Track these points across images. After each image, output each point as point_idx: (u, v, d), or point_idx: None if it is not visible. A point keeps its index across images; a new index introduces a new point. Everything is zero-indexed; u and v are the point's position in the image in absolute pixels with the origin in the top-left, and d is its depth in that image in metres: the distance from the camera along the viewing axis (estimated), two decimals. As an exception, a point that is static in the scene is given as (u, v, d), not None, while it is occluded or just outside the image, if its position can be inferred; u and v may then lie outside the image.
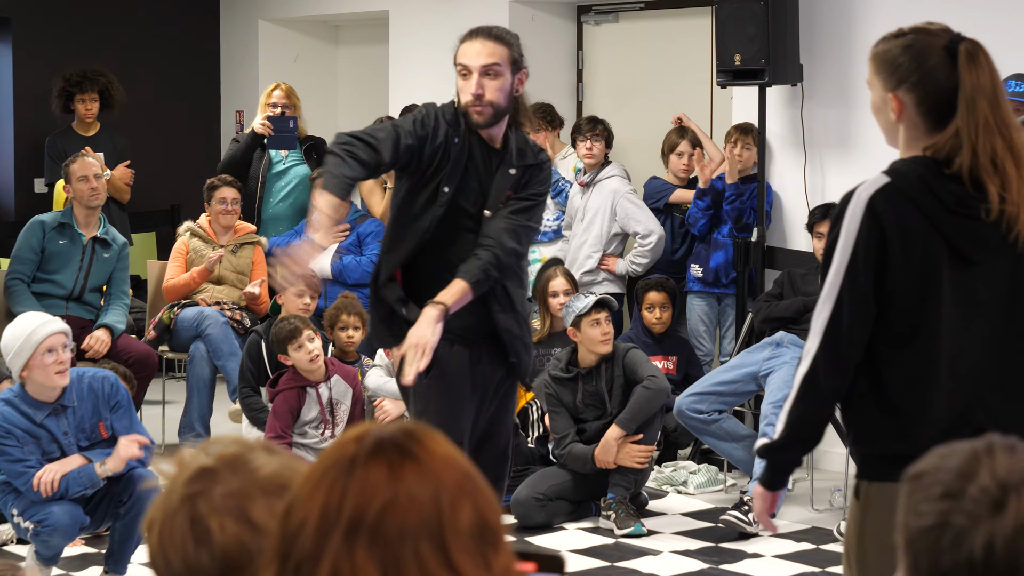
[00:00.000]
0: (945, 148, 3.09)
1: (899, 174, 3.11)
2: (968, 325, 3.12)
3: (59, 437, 5.57)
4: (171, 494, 1.86)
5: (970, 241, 3.10)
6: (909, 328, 3.10)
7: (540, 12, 9.51)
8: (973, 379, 3.13)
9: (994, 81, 3.11)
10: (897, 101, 3.16)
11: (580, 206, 8.30)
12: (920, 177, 3.08)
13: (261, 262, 8.47)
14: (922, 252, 3.07)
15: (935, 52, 3.14)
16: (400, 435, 1.61)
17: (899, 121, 3.18)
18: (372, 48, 10.78)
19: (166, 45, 11.07)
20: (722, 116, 8.72)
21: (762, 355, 7.11)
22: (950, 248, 3.09)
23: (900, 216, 3.07)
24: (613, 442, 6.75)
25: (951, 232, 3.08)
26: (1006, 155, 3.06)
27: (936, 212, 3.07)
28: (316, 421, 6.85)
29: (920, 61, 3.14)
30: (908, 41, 3.18)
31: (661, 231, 8.16)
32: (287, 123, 8.86)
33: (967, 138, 3.06)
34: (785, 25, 7.62)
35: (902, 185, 3.08)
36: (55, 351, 5.53)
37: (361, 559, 1.53)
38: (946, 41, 3.15)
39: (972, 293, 3.12)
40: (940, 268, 3.08)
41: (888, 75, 3.18)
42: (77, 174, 7.86)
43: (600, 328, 6.89)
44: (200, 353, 7.96)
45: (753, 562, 6.27)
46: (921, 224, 3.07)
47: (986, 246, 3.11)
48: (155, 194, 10.39)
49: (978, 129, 3.06)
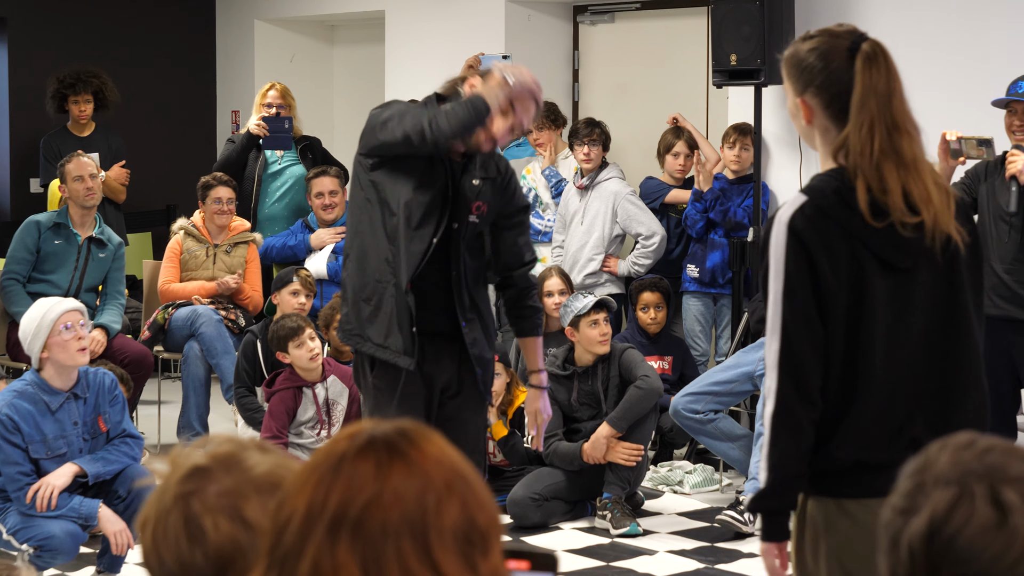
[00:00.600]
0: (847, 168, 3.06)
1: (815, 191, 3.07)
2: (907, 333, 3.07)
3: (68, 428, 5.58)
4: (165, 493, 1.86)
5: (893, 248, 3.05)
6: (844, 343, 3.05)
7: (536, 12, 9.51)
8: (912, 389, 3.08)
9: (890, 81, 3.07)
10: (805, 106, 3.14)
11: (579, 209, 8.29)
12: (836, 191, 3.04)
13: (255, 260, 8.46)
14: (847, 265, 3.03)
15: (838, 54, 3.11)
16: (393, 434, 1.61)
17: (810, 125, 3.16)
18: (368, 48, 10.78)
19: (162, 45, 11.07)
20: (718, 116, 8.72)
21: (758, 355, 7.10)
22: (875, 258, 3.05)
23: (821, 233, 3.03)
24: (603, 440, 6.76)
25: (872, 242, 3.04)
26: (886, 156, 3.02)
27: (854, 224, 3.03)
28: (312, 421, 6.85)
29: (824, 63, 3.12)
30: (814, 44, 3.16)
31: (663, 232, 8.17)
32: (282, 124, 8.86)
33: (854, 141, 3.04)
34: (781, 25, 7.62)
35: (819, 202, 3.04)
36: (72, 327, 5.57)
37: (343, 554, 1.53)
38: (849, 42, 3.12)
39: (908, 299, 3.08)
40: (869, 279, 3.04)
41: (796, 80, 3.16)
42: (72, 174, 7.86)
43: (599, 329, 6.90)
44: (194, 352, 7.95)
45: (749, 562, 6.27)
46: (842, 238, 3.03)
47: (911, 252, 3.07)
48: (151, 194, 10.39)
49: (863, 129, 3.03)
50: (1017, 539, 1.60)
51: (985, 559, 1.59)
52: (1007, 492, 1.62)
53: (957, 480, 1.64)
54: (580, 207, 8.29)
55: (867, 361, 3.05)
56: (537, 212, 8.62)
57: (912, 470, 1.69)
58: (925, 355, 3.11)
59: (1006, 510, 1.61)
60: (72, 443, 5.60)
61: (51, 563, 5.54)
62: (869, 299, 3.04)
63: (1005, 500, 1.61)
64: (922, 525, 1.63)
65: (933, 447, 1.70)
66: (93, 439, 5.68)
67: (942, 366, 3.12)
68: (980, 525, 1.60)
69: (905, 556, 1.63)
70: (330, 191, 8.52)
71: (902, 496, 1.67)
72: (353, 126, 10.02)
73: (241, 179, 8.92)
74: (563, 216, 8.42)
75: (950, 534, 1.61)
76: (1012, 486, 1.62)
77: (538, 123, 8.61)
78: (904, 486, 1.68)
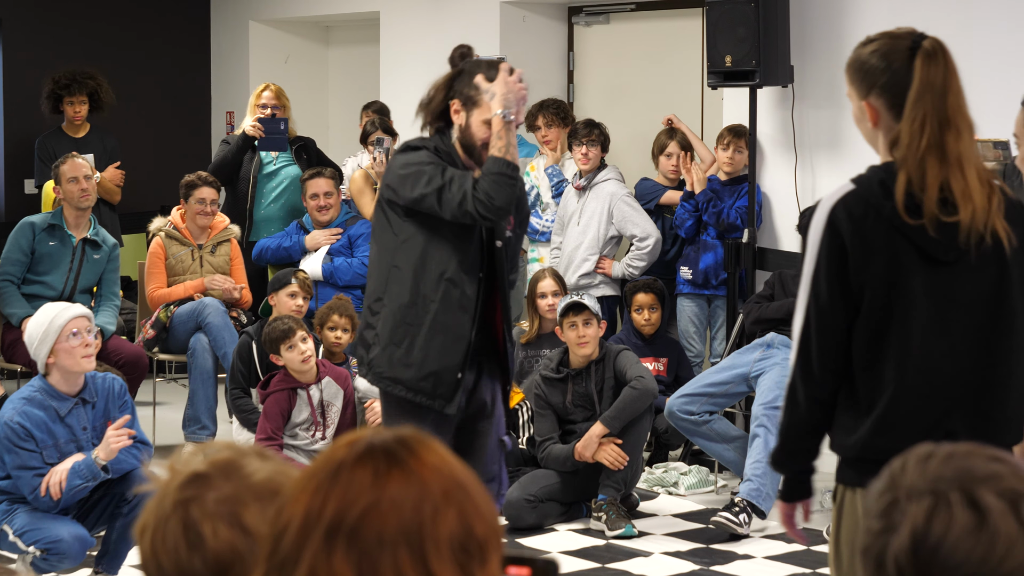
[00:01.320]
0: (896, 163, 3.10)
1: (862, 181, 3.12)
2: (947, 327, 3.11)
3: (78, 433, 5.58)
4: (164, 499, 1.86)
5: (934, 242, 3.09)
6: (878, 334, 3.09)
7: (531, 13, 9.51)
8: (951, 383, 3.12)
9: (947, 78, 3.11)
10: (870, 108, 3.18)
11: (576, 209, 8.28)
12: (881, 182, 3.09)
13: (238, 256, 8.43)
14: (886, 257, 3.07)
15: (900, 54, 3.15)
16: (392, 442, 1.61)
17: (876, 128, 3.19)
18: (363, 49, 10.78)
19: (157, 46, 11.06)
20: (713, 117, 8.72)
21: (753, 356, 7.11)
22: (916, 250, 3.09)
23: (860, 223, 3.07)
24: (595, 439, 6.77)
25: (914, 234, 3.08)
26: (929, 153, 3.06)
27: (897, 216, 3.07)
28: (307, 423, 6.84)
29: (887, 64, 3.15)
30: (875, 47, 3.20)
31: (658, 234, 8.15)
32: (278, 125, 8.86)
33: (904, 134, 3.08)
34: (776, 26, 7.63)
35: (864, 192, 3.09)
36: (79, 334, 5.58)
37: (339, 562, 1.53)
38: (910, 42, 3.16)
39: (949, 293, 3.11)
40: (908, 272, 3.08)
41: (860, 83, 3.20)
42: (67, 175, 7.85)
43: (576, 331, 6.90)
44: (201, 344, 7.90)
45: (744, 563, 6.27)
46: (883, 229, 3.07)
47: (953, 246, 3.10)
48: (145, 195, 10.38)
49: (916, 124, 3.07)
50: (999, 538, 1.60)
51: (972, 562, 1.60)
52: (981, 493, 1.62)
53: (929, 490, 1.64)
54: (577, 208, 8.28)
55: (903, 353, 3.09)
56: (536, 212, 8.62)
57: (879, 489, 1.69)
58: (968, 351, 3.14)
59: (983, 511, 1.61)
60: (84, 448, 5.59)
61: (57, 567, 5.53)
62: (907, 291, 3.08)
63: (981, 501, 1.62)
64: (904, 540, 1.63)
65: (895, 463, 1.71)
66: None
67: (986, 363, 3.16)
68: (961, 530, 1.61)
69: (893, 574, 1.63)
70: (325, 192, 8.51)
71: (877, 517, 1.67)
72: (347, 127, 10.05)
73: (236, 180, 8.92)
74: (561, 217, 8.42)
75: (934, 543, 1.61)
76: (984, 486, 1.63)
77: (547, 120, 8.62)
78: (876, 506, 1.68)
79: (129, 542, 5.67)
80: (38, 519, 5.49)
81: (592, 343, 6.93)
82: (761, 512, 6.67)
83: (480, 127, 4.83)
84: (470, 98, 4.84)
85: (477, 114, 4.82)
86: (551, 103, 8.74)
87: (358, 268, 8.31)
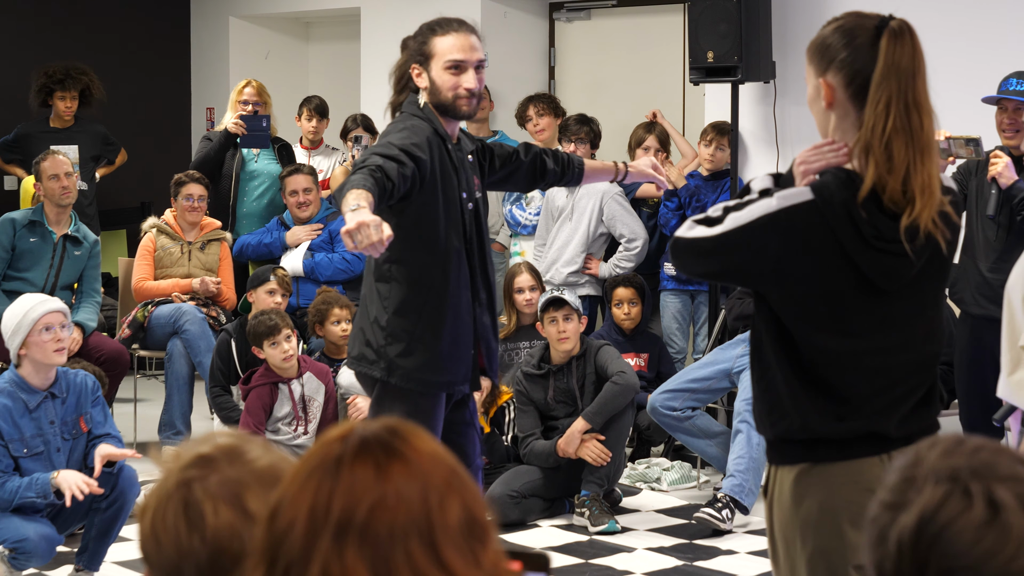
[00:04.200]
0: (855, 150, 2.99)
1: (823, 197, 2.97)
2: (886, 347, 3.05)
3: (45, 427, 5.58)
4: (167, 479, 1.87)
5: (883, 275, 2.99)
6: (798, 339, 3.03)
7: (512, 9, 9.51)
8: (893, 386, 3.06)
9: (915, 60, 2.98)
10: (827, 86, 3.04)
11: (567, 205, 8.24)
12: (844, 203, 2.96)
13: (227, 258, 8.44)
14: (826, 277, 2.98)
15: (864, 31, 3.02)
16: (385, 433, 1.60)
17: (830, 109, 3.06)
18: (344, 45, 10.76)
19: (136, 41, 11.04)
20: (695, 113, 8.74)
21: (735, 352, 7.11)
22: (859, 278, 2.98)
23: (810, 239, 2.96)
24: (577, 434, 6.77)
25: (866, 264, 2.97)
26: (899, 136, 2.95)
27: (853, 243, 2.96)
28: (289, 417, 6.84)
29: (848, 40, 3.02)
30: (839, 24, 3.06)
31: (646, 236, 8.11)
32: (260, 122, 8.84)
33: (870, 115, 2.95)
34: (758, 22, 7.64)
35: (824, 210, 2.96)
36: (53, 329, 5.59)
37: (351, 560, 1.52)
38: (877, 20, 3.03)
39: (882, 317, 3.04)
40: (842, 295, 2.99)
41: (819, 59, 3.06)
42: (48, 172, 7.82)
43: (557, 326, 6.90)
44: (178, 350, 7.93)
45: (727, 558, 6.28)
46: (833, 252, 2.97)
47: (899, 279, 3.02)
48: (125, 191, 10.36)
49: (880, 106, 2.95)
50: (1010, 537, 1.59)
51: (975, 555, 1.59)
52: (999, 490, 1.61)
53: (949, 477, 1.63)
54: (568, 203, 8.24)
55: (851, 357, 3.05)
56: (520, 204, 8.61)
57: (901, 465, 1.68)
58: (905, 366, 3.09)
59: (998, 507, 1.60)
60: (49, 442, 5.59)
61: (25, 565, 5.53)
62: (837, 313, 3.00)
63: (998, 498, 1.61)
64: (912, 519, 1.62)
65: (923, 444, 1.70)
66: (74, 439, 5.68)
67: (918, 378, 3.11)
68: (971, 521, 1.60)
69: (893, 550, 1.63)
70: (304, 188, 8.50)
71: (890, 491, 1.67)
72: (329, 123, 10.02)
73: (219, 177, 8.91)
74: (549, 211, 8.37)
75: (939, 528, 1.60)
76: (1004, 484, 1.62)
77: (539, 110, 8.61)
78: (892, 481, 1.67)
79: (109, 538, 5.68)
80: (4, 517, 5.47)
81: (573, 339, 6.92)
82: (744, 508, 6.67)
83: (444, 77, 4.73)
84: (423, 53, 4.76)
85: (435, 65, 4.74)
86: (542, 95, 8.77)
87: (339, 263, 8.30)
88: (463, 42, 4.78)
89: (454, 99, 4.76)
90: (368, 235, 4.05)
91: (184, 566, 1.83)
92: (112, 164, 9.87)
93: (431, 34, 4.80)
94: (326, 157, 9.33)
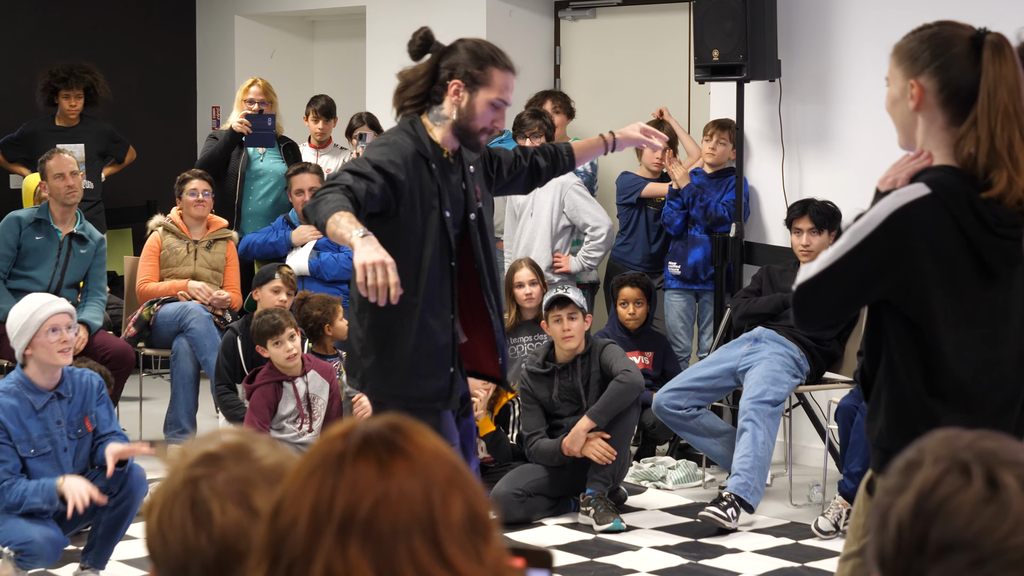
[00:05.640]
0: (977, 156, 3.03)
1: (943, 187, 3.04)
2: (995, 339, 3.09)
3: (52, 427, 5.58)
4: (174, 477, 1.87)
5: (1001, 259, 3.07)
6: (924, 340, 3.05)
7: (517, 8, 9.50)
8: (991, 397, 3.09)
9: (1018, 74, 3.07)
10: (918, 87, 3.10)
11: (528, 200, 8.21)
12: (964, 192, 3.04)
13: (234, 257, 8.44)
14: (950, 268, 3.03)
15: (960, 41, 3.10)
16: (387, 430, 1.60)
17: (917, 110, 3.12)
18: (349, 44, 10.76)
19: (142, 40, 11.04)
20: (700, 111, 8.73)
21: (740, 351, 7.12)
22: (979, 265, 3.05)
23: (937, 230, 3.03)
24: (582, 433, 6.76)
25: (986, 250, 3.05)
26: (1021, 146, 3.03)
27: (975, 230, 3.04)
28: (293, 415, 6.84)
29: (945, 48, 3.10)
30: (933, 31, 3.14)
31: (610, 222, 8.12)
32: (265, 121, 8.85)
33: (985, 125, 3.02)
34: (763, 21, 7.63)
35: (946, 199, 3.03)
36: (59, 330, 5.59)
37: (354, 557, 1.52)
38: (973, 32, 3.12)
39: (997, 306, 3.09)
40: (966, 285, 3.05)
41: (911, 63, 3.13)
42: (53, 171, 7.83)
43: (561, 325, 6.90)
44: (183, 349, 7.93)
45: (732, 557, 6.28)
46: (957, 241, 3.04)
47: (1011, 263, 3.10)
48: (131, 190, 10.36)
49: (998, 117, 3.02)
50: (1008, 513, 1.59)
51: (973, 531, 1.59)
52: (1000, 471, 1.62)
53: (950, 456, 1.64)
54: (528, 199, 8.21)
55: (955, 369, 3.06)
56: None
57: (905, 456, 1.69)
58: (1015, 361, 3.13)
59: (998, 486, 1.60)
60: (56, 442, 5.59)
61: (31, 567, 5.53)
62: (953, 303, 3.05)
63: (998, 477, 1.61)
64: (910, 497, 1.63)
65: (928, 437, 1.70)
66: (80, 439, 5.68)
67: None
68: (970, 497, 1.60)
69: (893, 531, 1.63)
70: (310, 188, 8.49)
71: (894, 475, 1.67)
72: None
73: (224, 176, 8.91)
74: (512, 210, 8.35)
75: (938, 503, 1.60)
76: (1005, 466, 1.62)
77: (555, 107, 8.61)
78: (896, 467, 1.68)
79: (116, 537, 5.68)
80: (10, 519, 5.48)
81: (577, 337, 6.92)
82: (749, 506, 6.67)
83: (485, 109, 4.65)
84: (475, 78, 4.66)
85: (483, 94, 4.65)
86: (559, 94, 8.77)
87: (344, 263, 8.30)
88: (512, 82, 4.74)
89: (481, 132, 4.71)
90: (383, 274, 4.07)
91: (190, 564, 1.83)
92: (121, 163, 9.88)
93: (492, 64, 4.67)
94: (334, 157, 9.33)
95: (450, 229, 4.70)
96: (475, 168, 4.88)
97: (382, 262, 4.10)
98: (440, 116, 4.72)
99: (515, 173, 5.10)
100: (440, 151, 4.73)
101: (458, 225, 4.75)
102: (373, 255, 4.11)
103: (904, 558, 1.62)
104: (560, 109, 8.65)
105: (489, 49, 4.72)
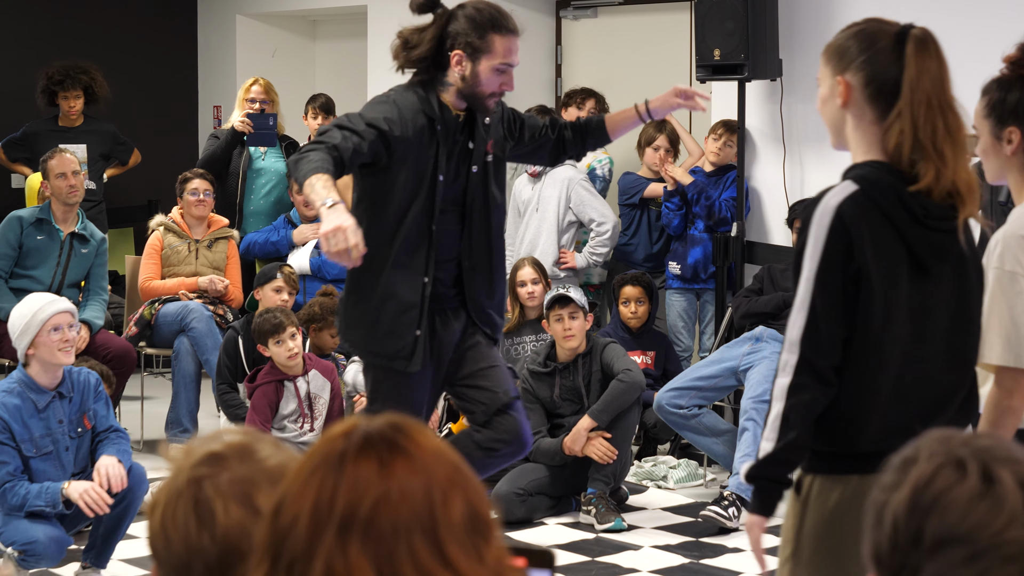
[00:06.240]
0: (903, 148, 3.04)
1: (869, 182, 3.05)
2: (921, 335, 3.09)
3: (54, 426, 5.59)
4: (178, 476, 1.87)
5: (932, 253, 3.07)
6: (863, 337, 3.05)
7: (518, 7, 9.49)
8: (918, 393, 3.09)
9: (942, 67, 3.08)
10: (844, 84, 3.12)
11: (532, 197, 8.23)
12: (892, 186, 3.04)
13: (235, 256, 8.44)
14: (888, 263, 3.04)
15: (885, 36, 3.11)
16: (388, 429, 1.60)
17: (845, 107, 3.13)
18: (350, 43, 10.77)
19: (143, 40, 11.04)
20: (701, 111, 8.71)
21: (742, 350, 7.12)
22: (912, 259, 3.05)
23: (870, 226, 3.03)
24: (583, 432, 6.76)
25: (916, 243, 3.05)
26: (946, 138, 3.03)
27: (905, 223, 3.04)
28: (295, 415, 6.84)
29: (870, 43, 3.11)
30: (860, 27, 3.16)
31: (615, 218, 8.14)
32: (267, 120, 8.85)
33: (908, 117, 3.03)
34: (764, 20, 7.63)
35: (873, 194, 3.04)
36: (61, 329, 5.60)
37: (355, 555, 1.53)
38: (898, 28, 3.13)
39: (924, 302, 3.09)
40: (900, 279, 3.05)
41: (838, 60, 3.15)
42: (55, 171, 7.83)
43: (562, 324, 6.90)
44: (185, 348, 7.93)
45: (733, 556, 6.28)
46: (890, 235, 3.04)
47: (943, 257, 3.09)
48: (133, 189, 10.37)
49: (921, 108, 3.03)
50: (1004, 508, 1.59)
51: (968, 525, 1.59)
52: (997, 467, 1.62)
53: (946, 452, 1.64)
54: (533, 195, 8.23)
55: (880, 362, 3.05)
56: None
57: (902, 454, 1.69)
58: (935, 356, 3.11)
59: (993, 481, 1.60)
60: (58, 441, 5.60)
61: (36, 565, 5.53)
62: (893, 298, 3.04)
63: (994, 473, 1.61)
64: (905, 492, 1.63)
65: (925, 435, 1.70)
66: (80, 437, 5.69)
67: (950, 368, 3.13)
68: (964, 492, 1.60)
69: (888, 528, 1.63)
70: (312, 187, 8.49)
71: (890, 472, 1.68)
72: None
73: (226, 175, 8.91)
74: (515, 206, 8.37)
75: (933, 498, 1.61)
76: (1000, 463, 1.63)
77: (578, 102, 8.59)
78: (892, 465, 1.68)
79: (117, 536, 5.69)
80: (14, 519, 5.48)
81: (578, 336, 6.92)
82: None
83: (490, 76, 4.71)
84: (477, 48, 4.72)
85: (485, 62, 4.71)
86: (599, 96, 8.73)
87: (346, 262, 8.30)
88: (515, 44, 4.78)
89: (489, 96, 4.76)
90: (343, 239, 4.10)
91: (193, 564, 1.83)
92: (125, 164, 9.88)
93: (492, 30, 4.73)
94: None
95: (438, 194, 4.75)
96: (492, 121, 4.90)
97: (341, 227, 4.16)
98: (446, 83, 4.79)
99: (539, 141, 5.10)
100: (449, 112, 4.80)
101: (461, 178, 4.81)
102: (335, 222, 4.17)
103: (900, 553, 1.62)
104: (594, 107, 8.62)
105: (489, 14, 4.76)
